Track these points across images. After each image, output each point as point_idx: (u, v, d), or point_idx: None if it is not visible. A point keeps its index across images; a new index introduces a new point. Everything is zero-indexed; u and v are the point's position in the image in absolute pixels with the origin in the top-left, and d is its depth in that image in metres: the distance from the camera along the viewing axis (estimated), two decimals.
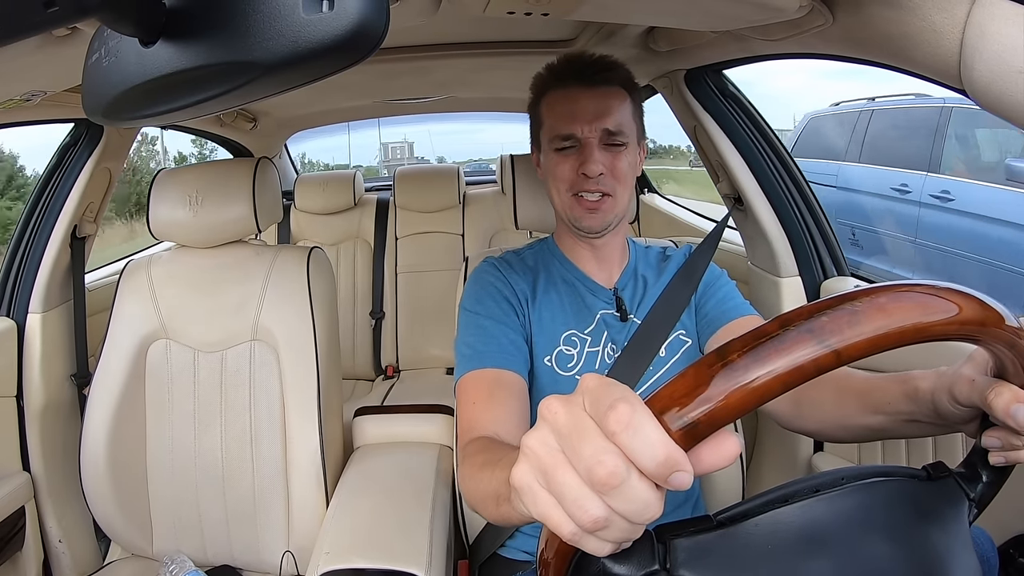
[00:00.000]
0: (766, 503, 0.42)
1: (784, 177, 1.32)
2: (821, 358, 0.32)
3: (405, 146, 5.71)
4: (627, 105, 0.90)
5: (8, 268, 1.33)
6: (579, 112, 0.87)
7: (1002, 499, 0.49)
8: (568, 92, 0.88)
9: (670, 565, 0.40)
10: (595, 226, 0.89)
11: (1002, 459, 0.47)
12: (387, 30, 0.28)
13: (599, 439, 0.31)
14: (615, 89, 0.89)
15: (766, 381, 0.32)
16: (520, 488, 0.35)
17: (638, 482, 0.31)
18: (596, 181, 0.87)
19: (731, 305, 0.94)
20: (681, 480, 0.30)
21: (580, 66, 0.89)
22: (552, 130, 0.89)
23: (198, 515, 1.17)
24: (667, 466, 0.30)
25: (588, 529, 0.32)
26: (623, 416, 0.30)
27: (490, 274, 0.95)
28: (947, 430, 0.56)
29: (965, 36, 0.59)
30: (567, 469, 0.32)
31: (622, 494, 0.31)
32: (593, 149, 0.86)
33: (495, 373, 0.83)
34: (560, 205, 0.92)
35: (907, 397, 0.58)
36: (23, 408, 1.30)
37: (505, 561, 1.00)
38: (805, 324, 0.33)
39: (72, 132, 1.34)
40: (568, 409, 0.33)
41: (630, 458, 0.30)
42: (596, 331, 0.92)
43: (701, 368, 0.33)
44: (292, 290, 1.17)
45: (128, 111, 0.35)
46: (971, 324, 0.35)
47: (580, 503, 0.31)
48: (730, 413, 0.32)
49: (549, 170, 0.92)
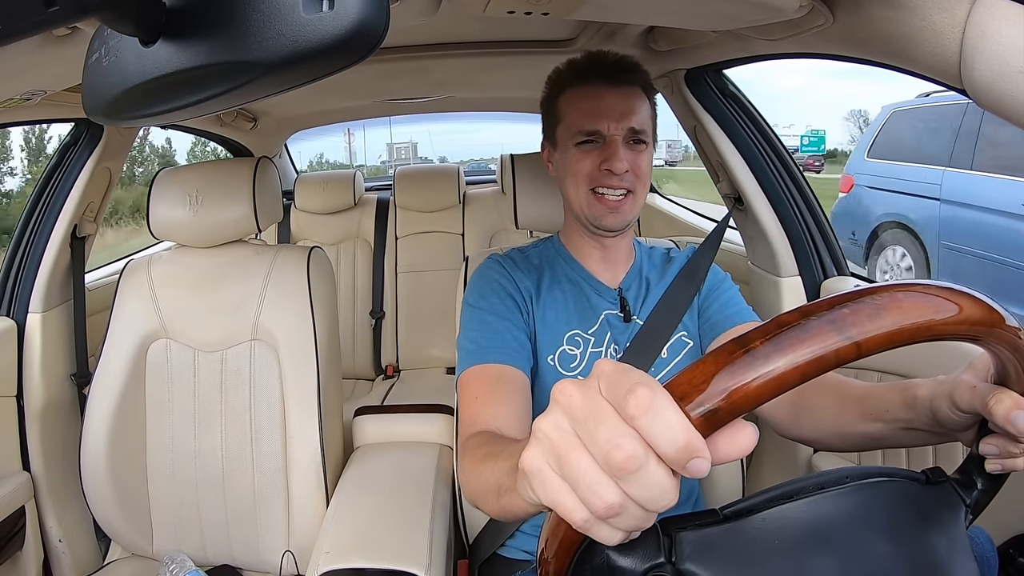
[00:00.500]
0: (772, 499, 0.43)
1: (784, 177, 1.32)
2: (842, 349, 0.32)
3: (410, 147, 5.77)
4: (647, 106, 0.91)
5: (8, 267, 1.33)
6: (605, 109, 0.87)
7: (1002, 500, 0.49)
8: (593, 89, 0.88)
9: (675, 558, 0.40)
10: (616, 224, 0.89)
11: (999, 467, 0.47)
12: (387, 30, 0.28)
13: (617, 422, 0.30)
14: (637, 89, 0.89)
15: (787, 370, 0.31)
16: (530, 473, 0.34)
17: (656, 467, 0.30)
18: (620, 178, 0.86)
19: (734, 310, 0.94)
20: (699, 467, 0.30)
21: (605, 65, 0.89)
22: (575, 126, 0.89)
23: (198, 515, 1.17)
24: (687, 451, 0.29)
25: (601, 515, 0.31)
26: (643, 400, 0.30)
27: (495, 271, 0.94)
28: (944, 439, 0.55)
29: (965, 36, 0.59)
30: (582, 453, 0.31)
31: (639, 479, 0.30)
32: (619, 146, 0.86)
33: (498, 368, 0.83)
34: (577, 203, 0.91)
35: (905, 404, 0.58)
36: (23, 408, 1.31)
37: (505, 561, 1.00)
38: (827, 315, 0.33)
39: (72, 131, 1.34)
40: (584, 392, 0.32)
41: (649, 442, 0.30)
42: (600, 331, 0.92)
43: (722, 355, 0.32)
44: (292, 290, 1.17)
45: (128, 111, 0.35)
46: (977, 324, 0.36)
47: (595, 488, 0.31)
48: (751, 401, 0.31)
49: (567, 166, 0.91)
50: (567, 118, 0.90)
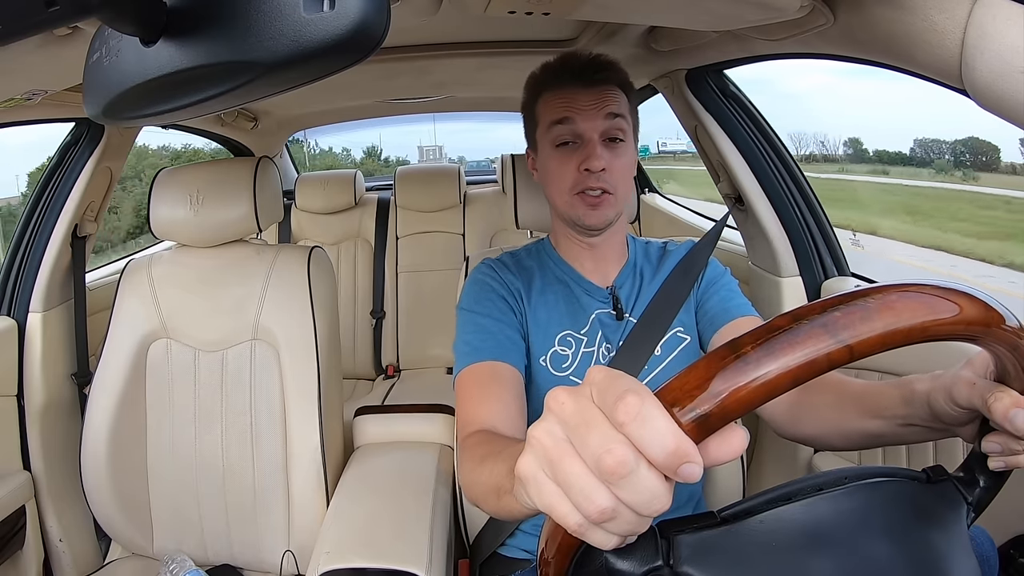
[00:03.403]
0: (769, 501, 0.43)
1: (785, 177, 1.32)
2: (834, 352, 0.32)
3: (436, 148, 5.85)
4: (625, 103, 0.90)
5: (9, 267, 1.34)
6: (580, 109, 0.87)
7: (1002, 500, 0.49)
8: (567, 91, 0.88)
9: (673, 561, 0.40)
10: (597, 223, 0.89)
11: (1002, 463, 0.47)
12: (388, 30, 0.28)
13: (607, 429, 0.31)
14: (613, 88, 0.89)
15: (779, 374, 0.31)
16: (525, 479, 0.34)
17: (647, 472, 0.30)
18: (598, 177, 0.86)
19: (734, 304, 0.93)
20: (691, 472, 0.30)
21: (578, 65, 0.88)
22: (551, 128, 0.89)
23: (198, 514, 1.18)
24: (677, 456, 0.30)
25: (595, 520, 0.32)
26: (632, 407, 0.30)
27: (487, 275, 0.95)
28: (943, 434, 0.56)
29: (966, 36, 0.59)
30: (574, 459, 0.32)
31: (630, 484, 0.30)
32: (595, 145, 0.86)
33: (491, 366, 0.84)
34: (561, 205, 0.91)
35: (904, 400, 0.58)
36: (24, 407, 1.31)
37: (505, 560, 1.00)
38: (819, 319, 0.33)
39: (73, 131, 1.34)
40: (575, 400, 0.33)
41: (639, 448, 0.30)
42: (591, 331, 0.92)
43: (713, 360, 0.32)
44: (293, 290, 1.17)
45: (129, 110, 0.35)
46: (974, 324, 0.35)
47: (587, 493, 0.31)
48: (742, 406, 0.31)
49: (549, 170, 0.91)
50: (544, 120, 0.90)
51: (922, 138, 3.36)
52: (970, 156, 3.04)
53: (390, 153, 6.99)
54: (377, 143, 6.94)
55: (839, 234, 1.33)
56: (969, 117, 0.65)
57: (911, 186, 3.29)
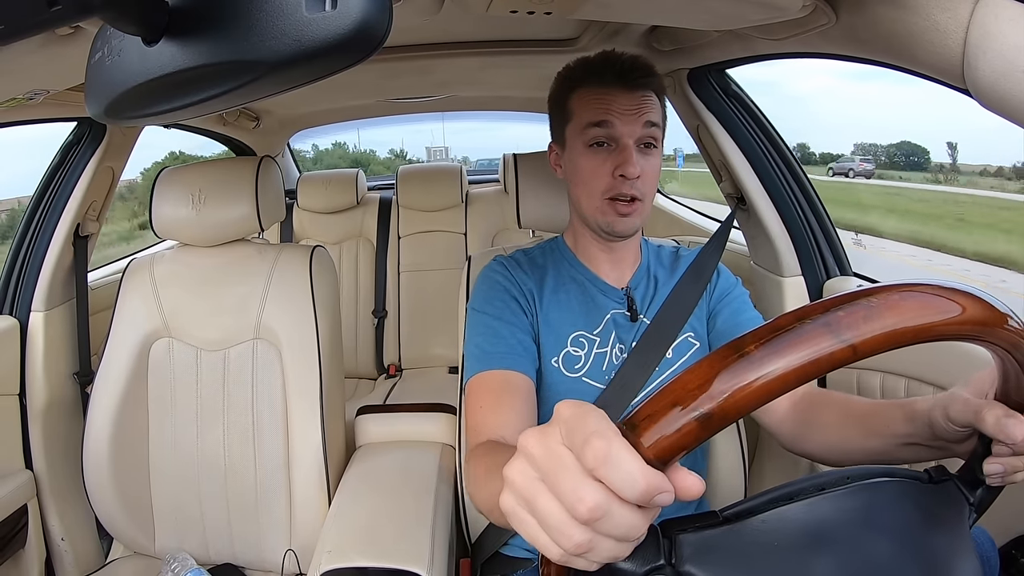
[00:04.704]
0: (772, 500, 0.43)
1: (787, 177, 1.32)
2: (837, 352, 0.32)
3: (443, 149, 5.90)
4: (660, 111, 0.89)
5: (11, 266, 1.34)
6: (620, 111, 0.85)
7: (1004, 500, 0.49)
8: (608, 90, 0.86)
9: (675, 560, 0.40)
10: (627, 230, 0.88)
11: (999, 481, 0.48)
12: (390, 29, 0.28)
13: (577, 473, 0.32)
14: (651, 94, 0.88)
15: (782, 374, 0.32)
16: (507, 513, 0.35)
17: (620, 509, 0.31)
18: (631, 184, 0.85)
19: (744, 318, 0.94)
20: (664, 500, 0.31)
21: (621, 66, 0.87)
22: (588, 129, 0.87)
23: (200, 513, 1.18)
24: (648, 493, 0.31)
25: (573, 553, 0.32)
26: (599, 451, 0.31)
27: (499, 273, 0.94)
28: (943, 453, 0.57)
29: (969, 35, 0.59)
30: (548, 498, 0.33)
31: (606, 522, 0.31)
32: (632, 151, 0.85)
33: (502, 375, 0.83)
34: (589, 209, 0.89)
35: (906, 418, 0.60)
36: (26, 406, 1.31)
37: (507, 559, 1.00)
38: (822, 318, 0.33)
39: (75, 131, 1.34)
40: (543, 442, 0.34)
41: (611, 490, 0.31)
42: (605, 331, 0.91)
43: (716, 360, 0.33)
44: (295, 289, 1.17)
45: (130, 110, 0.35)
46: (977, 324, 0.35)
47: (562, 530, 0.32)
48: (744, 405, 0.32)
49: (580, 170, 0.89)
50: (578, 118, 0.88)
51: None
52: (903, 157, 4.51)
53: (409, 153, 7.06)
54: (393, 142, 6.95)
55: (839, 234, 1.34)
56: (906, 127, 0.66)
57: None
